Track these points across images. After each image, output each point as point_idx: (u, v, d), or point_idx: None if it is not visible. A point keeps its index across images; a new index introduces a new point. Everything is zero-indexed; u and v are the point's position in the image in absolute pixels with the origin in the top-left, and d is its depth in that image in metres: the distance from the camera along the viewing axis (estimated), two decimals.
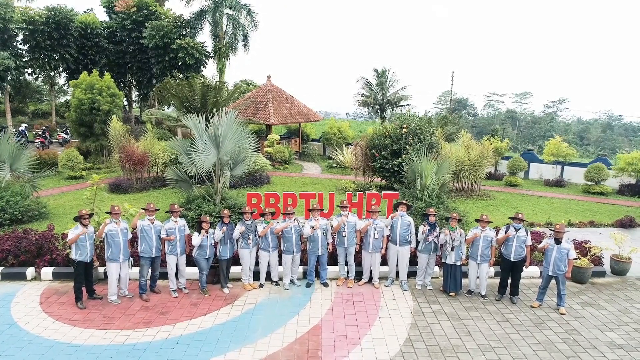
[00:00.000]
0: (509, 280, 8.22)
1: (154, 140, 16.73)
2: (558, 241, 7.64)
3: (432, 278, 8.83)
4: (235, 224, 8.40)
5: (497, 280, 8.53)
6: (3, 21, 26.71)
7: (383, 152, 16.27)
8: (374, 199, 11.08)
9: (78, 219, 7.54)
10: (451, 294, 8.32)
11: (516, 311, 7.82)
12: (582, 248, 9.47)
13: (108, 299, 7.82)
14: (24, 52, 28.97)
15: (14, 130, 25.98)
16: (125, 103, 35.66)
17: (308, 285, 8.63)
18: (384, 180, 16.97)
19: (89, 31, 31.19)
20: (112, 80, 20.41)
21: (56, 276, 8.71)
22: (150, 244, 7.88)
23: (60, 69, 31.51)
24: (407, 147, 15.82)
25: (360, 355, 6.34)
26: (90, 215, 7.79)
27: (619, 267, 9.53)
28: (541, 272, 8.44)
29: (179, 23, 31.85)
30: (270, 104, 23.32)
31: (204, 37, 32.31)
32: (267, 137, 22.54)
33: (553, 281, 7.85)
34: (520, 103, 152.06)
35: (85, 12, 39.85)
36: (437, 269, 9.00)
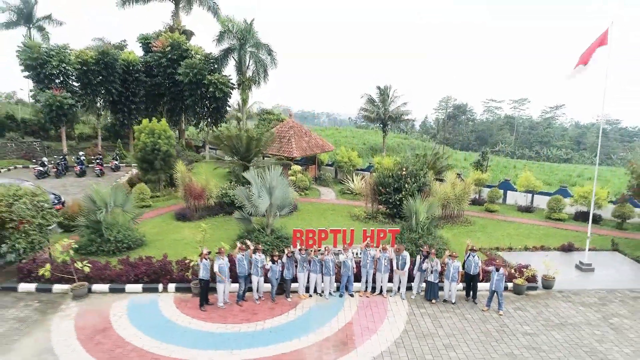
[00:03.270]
0: (471, 291, 12.99)
1: (209, 177, 21.42)
2: (497, 269, 12.34)
3: (422, 291, 13.54)
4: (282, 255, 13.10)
5: (464, 293, 13.25)
6: (63, 63, 31.48)
7: (387, 189, 20.96)
8: (382, 234, 15.77)
9: (205, 254, 12.22)
10: (432, 301, 13.01)
11: (472, 313, 12.50)
12: (521, 270, 14.14)
13: (217, 304, 12.50)
14: (77, 89, 33.66)
15: (75, 158, 30.61)
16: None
17: (340, 295, 13.32)
18: (388, 209, 21.63)
19: (130, 68, 35.90)
20: (167, 124, 25.08)
21: (177, 289, 13.40)
22: (243, 268, 12.58)
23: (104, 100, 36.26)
24: (406, 185, 20.54)
25: (377, 338, 11.02)
26: (209, 252, 12.48)
27: (547, 283, 14.20)
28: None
29: (208, 59, 36.54)
30: (293, 139, 28.03)
31: (229, 69, 37.05)
32: (291, 167, 27.23)
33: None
34: (518, 109, 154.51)
35: (120, 42, 44.76)
36: (423, 284, 13.67)
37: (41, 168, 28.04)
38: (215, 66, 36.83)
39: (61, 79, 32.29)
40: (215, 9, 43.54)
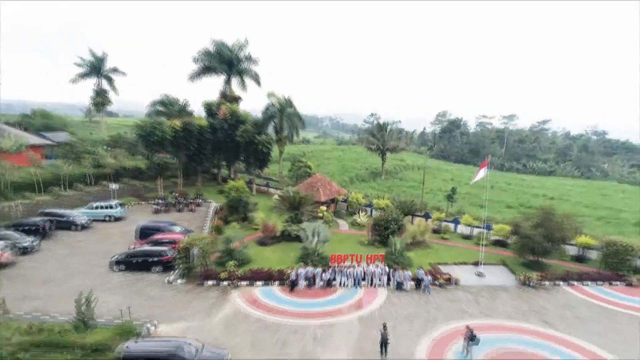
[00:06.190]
0: (418, 286, 27.96)
1: (276, 217, 36.41)
2: (427, 275, 27.29)
3: (394, 285, 28.46)
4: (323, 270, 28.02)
5: (414, 286, 28.19)
6: (162, 133, 46.56)
7: (380, 228, 35.87)
8: (374, 256, 30.59)
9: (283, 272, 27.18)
10: (398, 290, 27.91)
11: (416, 297, 27.35)
12: (443, 276, 28.94)
13: (299, 289, 27.39)
14: (169, 149, 48.64)
15: (173, 198, 45.61)
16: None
17: (355, 287, 28.24)
18: (380, 239, 36.41)
19: (202, 131, 51.06)
20: (240, 182, 40.13)
21: (279, 284, 28.30)
22: (310, 274, 27.54)
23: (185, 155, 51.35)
24: (391, 226, 35.50)
25: (372, 305, 25.90)
26: (293, 268, 27.46)
27: (456, 282, 29.03)
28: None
29: (257, 124, 51.64)
30: (321, 188, 42.97)
31: (269, 129, 52.02)
32: (319, 208, 42.12)
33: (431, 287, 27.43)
34: (508, 124, 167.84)
35: (184, 100, 59.68)
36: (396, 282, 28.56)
37: (157, 206, 43.08)
38: (262, 129, 51.91)
39: (160, 143, 47.33)
40: (257, 77, 58.81)
